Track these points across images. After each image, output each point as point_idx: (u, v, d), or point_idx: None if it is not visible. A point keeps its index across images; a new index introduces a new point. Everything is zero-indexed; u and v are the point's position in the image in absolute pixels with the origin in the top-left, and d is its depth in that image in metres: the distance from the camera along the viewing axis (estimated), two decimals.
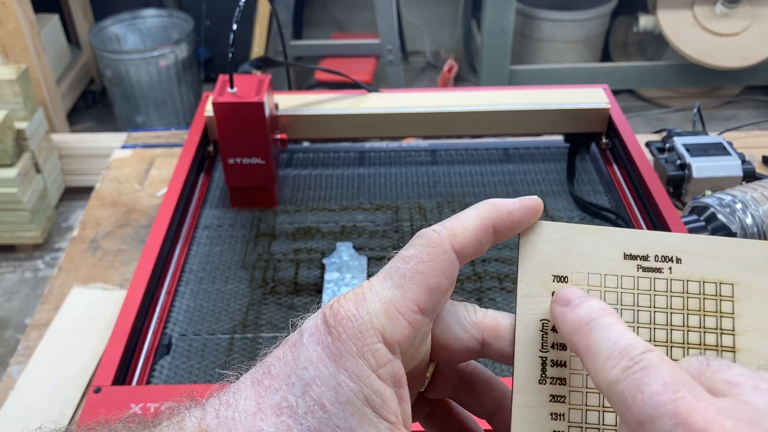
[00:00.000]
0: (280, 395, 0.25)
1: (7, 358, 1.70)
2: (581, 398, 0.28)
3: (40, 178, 1.98)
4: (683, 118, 2.63)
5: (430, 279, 0.26)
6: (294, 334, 0.26)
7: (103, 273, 0.83)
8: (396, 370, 0.25)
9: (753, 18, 2.36)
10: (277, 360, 0.26)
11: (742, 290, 0.28)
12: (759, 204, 0.78)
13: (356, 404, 0.24)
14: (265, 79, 0.82)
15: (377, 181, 0.91)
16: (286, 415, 0.24)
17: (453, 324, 0.29)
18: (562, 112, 0.91)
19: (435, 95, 0.94)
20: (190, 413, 0.25)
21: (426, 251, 0.27)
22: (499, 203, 0.28)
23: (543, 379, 0.28)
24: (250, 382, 0.26)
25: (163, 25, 2.60)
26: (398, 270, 0.27)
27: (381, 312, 0.25)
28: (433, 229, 0.28)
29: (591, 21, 2.53)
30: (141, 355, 0.65)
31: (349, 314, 0.25)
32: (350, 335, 0.25)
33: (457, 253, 0.27)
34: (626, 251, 0.29)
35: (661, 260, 0.28)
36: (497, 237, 0.28)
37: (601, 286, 0.28)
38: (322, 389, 0.24)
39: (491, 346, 0.29)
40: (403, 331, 0.26)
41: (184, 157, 0.85)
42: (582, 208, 0.85)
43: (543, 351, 0.28)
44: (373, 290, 0.26)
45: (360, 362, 0.25)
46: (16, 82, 1.85)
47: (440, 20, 2.95)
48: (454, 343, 0.29)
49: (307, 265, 0.78)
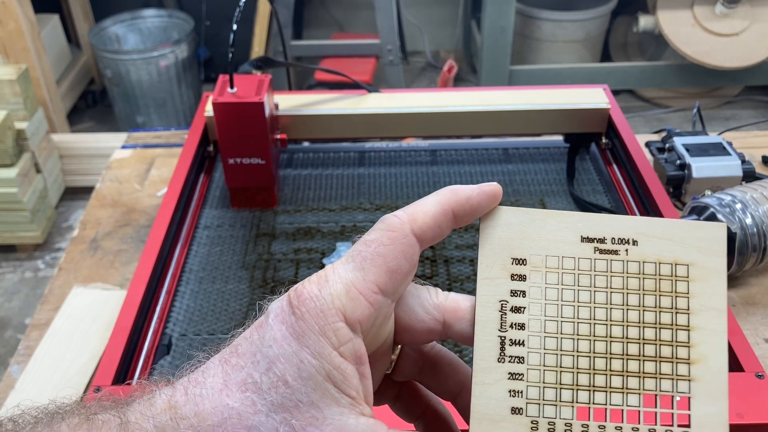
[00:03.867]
0: (246, 372, 0.26)
1: (8, 358, 1.70)
2: (539, 376, 0.28)
3: (41, 178, 1.98)
4: (683, 118, 2.63)
5: (390, 261, 0.27)
6: (261, 316, 0.28)
7: (104, 273, 0.84)
8: (357, 348, 0.26)
9: (753, 18, 2.36)
10: (243, 340, 0.27)
11: (697, 271, 0.29)
12: (759, 204, 0.78)
13: (318, 380, 0.25)
14: (265, 80, 0.82)
15: (377, 181, 0.91)
16: (251, 390, 0.25)
17: (415, 306, 0.30)
18: (561, 112, 0.91)
19: (435, 95, 0.94)
20: (160, 391, 0.26)
21: (387, 235, 0.28)
22: (458, 189, 0.29)
23: (502, 357, 0.29)
24: (218, 360, 0.27)
25: (163, 26, 2.60)
26: (360, 253, 0.28)
27: (342, 293, 0.27)
28: (395, 214, 0.29)
29: (591, 21, 2.53)
30: (141, 355, 0.65)
31: (312, 295, 0.26)
32: (312, 315, 0.26)
33: (417, 237, 0.28)
34: (583, 234, 0.29)
35: (618, 242, 0.29)
36: (457, 222, 0.29)
37: (559, 268, 0.29)
38: (286, 366, 0.25)
39: (452, 327, 0.30)
40: (364, 311, 0.27)
41: (185, 157, 0.85)
42: (582, 207, 0.85)
43: (502, 331, 0.29)
44: (336, 272, 0.27)
45: (322, 340, 0.26)
46: (17, 82, 1.85)
47: (440, 20, 2.95)
48: (417, 325, 0.30)
49: (307, 265, 0.78)
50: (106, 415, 0.26)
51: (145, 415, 0.26)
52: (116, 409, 0.26)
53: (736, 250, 0.77)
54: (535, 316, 0.29)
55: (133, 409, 0.26)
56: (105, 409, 0.26)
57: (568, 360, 0.29)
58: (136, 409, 0.26)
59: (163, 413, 0.26)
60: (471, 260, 0.77)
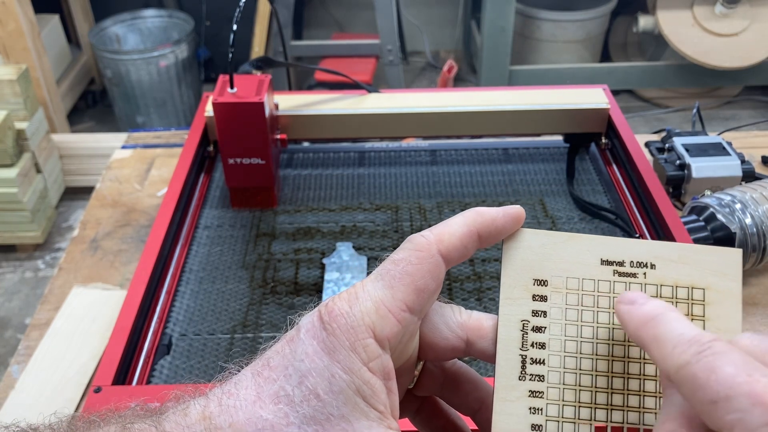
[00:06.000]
0: (278, 385, 0.27)
1: (8, 358, 1.71)
2: (558, 394, 0.29)
3: (41, 178, 1.99)
4: (683, 119, 2.63)
5: (418, 280, 0.28)
6: (292, 330, 0.28)
7: (104, 273, 0.84)
8: (385, 364, 0.27)
9: (752, 18, 2.36)
10: (275, 353, 0.28)
11: (713, 295, 0.29)
12: (758, 204, 0.78)
13: (348, 394, 0.26)
14: (265, 80, 0.82)
15: (377, 181, 0.92)
16: (284, 403, 0.26)
17: (440, 324, 0.31)
18: (561, 113, 0.91)
19: (435, 95, 0.94)
20: (194, 401, 0.27)
21: (415, 255, 0.29)
22: (483, 211, 0.30)
23: (523, 375, 0.30)
24: (250, 373, 0.27)
25: (163, 26, 2.60)
26: (389, 272, 0.28)
27: (372, 310, 0.27)
28: (422, 234, 0.29)
29: (590, 21, 2.53)
30: (141, 354, 0.65)
31: (343, 311, 0.27)
32: (343, 331, 0.27)
33: (444, 257, 0.29)
34: (603, 257, 0.30)
35: (636, 266, 0.30)
36: (481, 243, 0.30)
37: (579, 289, 0.30)
38: (317, 380, 0.26)
39: (475, 346, 0.31)
40: (393, 328, 0.27)
41: (185, 157, 0.86)
42: (581, 207, 0.85)
43: (523, 350, 0.30)
44: (366, 290, 0.28)
45: (352, 356, 0.26)
46: (17, 82, 1.85)
47: (440, 20, 2.95)
48: (441, 342, 0.30)
49: (307, 265, 0.78)
50: (143, 424, 0.26)
51: (180, 424, 0.26)
52: (151, 419, 0.27)
53: None
54: (556, 335, 0.30)
55: (168, 419, 0.27)
56: (140, 419, 0.27)
57: (587, 379, 0.29)
58: (171, 419, 0.26)
59: (198, 423, 0.26)
60: (470, 260, 0.77)
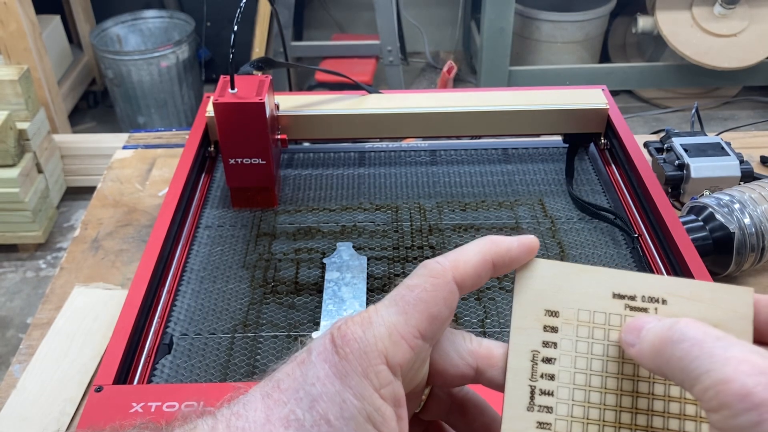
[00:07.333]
0: (288, 408, 0.26)
1: (9, 358, 1.71)
2: (566, 427, 0.29)
3: (42, 178, 1.99)
4: (681, 119, 2.63)
5: (432, 307, 0.28)
6: (302, 351, 0.28)
7: (105, 273, 0.84)
8: (396, 391, 0.27)
9: (751, 19, 2.36)
10: (286, 375, 0.27)
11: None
12: (757, 204, 0.78)
13: (359, 420, 0.26)
14: (265, 80, 0.82)
15: (377, 181, 0.92)
16: (294, 427, 0.26)
17: (450, 351, 0.30)
18: (561, 113, 0.91)
19: (435, 96, 0.94)
20: (202, 421, 0.27)
21: (429, 281, 0.28)
22: (499, 240, 0.30)
23: (531, 406, 0.29)
24: (259, 394, 0.27)
25: (164, 26, 2.60)
26: (403, 297, 0.28)
27: (385, 336, 0.27)
28: (437, 260, 0.29)
29: (590, 22, 2.53)
30: (142, 354, 0.65)
31: (356, 336, 0.27)
32: (356, 356, 0.26)
33: (458, 284, 0.29)
34: (615, 290, 0.30)
35: (648, 300, 0.30)
36: (495, 271, 0.30)
37: (590, 322, 0.30)
38: (328, 405, 0.26)
39: (484, 374, 0.30)
40: (405, 354, 0.27)
41: (185, 157, 0.86)
42: (581, 208, 0.85)
43: (532, 380, 0.30)
44: (379, 315, 0.28)
45: (364, 382, 0.26)
46: (18, 82, 1.86)
47: (440, 21, 2.96)
48: (450, 369, 0.30)
49: (308, 264, 0.78)
50: None
51: None
52: None
53: (735, 251, 0.77)
54: (565, 367, 0.30)
55: None
56: None
57: (594, 412, 0.29)
58: None
59: None
60: None
